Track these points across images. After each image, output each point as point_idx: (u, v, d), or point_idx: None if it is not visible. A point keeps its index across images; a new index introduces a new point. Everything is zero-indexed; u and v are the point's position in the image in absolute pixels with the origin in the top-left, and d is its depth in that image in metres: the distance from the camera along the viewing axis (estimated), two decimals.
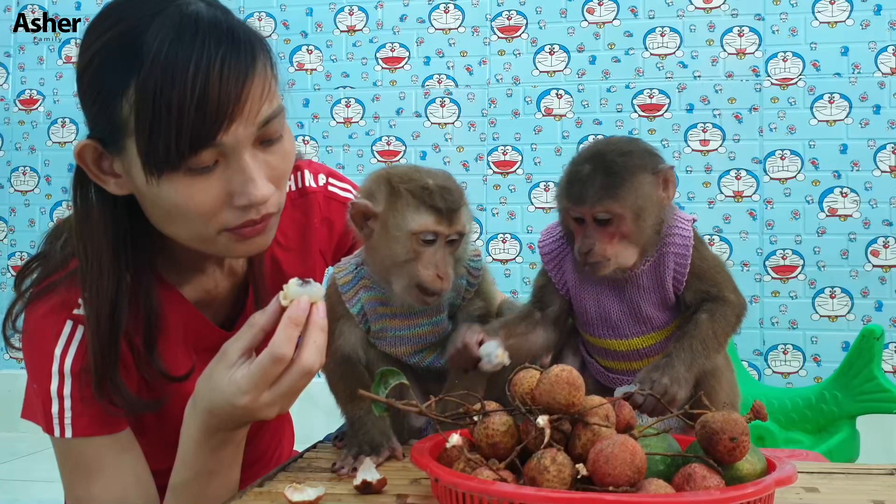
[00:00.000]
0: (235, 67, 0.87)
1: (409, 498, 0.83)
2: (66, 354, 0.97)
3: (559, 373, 0.76)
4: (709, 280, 1.03)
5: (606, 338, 1.06)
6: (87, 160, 0.93)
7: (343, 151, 3.22)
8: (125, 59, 0.86)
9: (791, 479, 0.73)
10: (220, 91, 0.85)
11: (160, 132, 0.85)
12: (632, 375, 1.03)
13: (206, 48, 0.85)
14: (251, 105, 0.88)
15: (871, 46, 2.90)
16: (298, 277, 0.87)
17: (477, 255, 1.08)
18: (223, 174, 0.90)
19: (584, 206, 0.98)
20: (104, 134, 0.91)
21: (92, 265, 0.94)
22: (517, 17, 3.14)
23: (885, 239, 2.88)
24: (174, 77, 0.84)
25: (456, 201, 0.98)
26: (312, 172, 1.23)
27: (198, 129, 0.85)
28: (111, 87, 0.88)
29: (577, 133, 3.07)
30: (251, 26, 0.94)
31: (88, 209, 0.96)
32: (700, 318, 1.00)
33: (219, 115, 0.86)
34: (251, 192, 0.90)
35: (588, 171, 0.98)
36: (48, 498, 2.01)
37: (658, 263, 1.02)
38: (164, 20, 0.86)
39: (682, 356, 0.96)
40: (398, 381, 0.84)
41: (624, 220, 0.98)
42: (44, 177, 3.39)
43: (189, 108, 0.84)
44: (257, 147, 0.92)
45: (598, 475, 0.69)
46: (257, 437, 1.23)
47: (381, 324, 1.05)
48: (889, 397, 2.24)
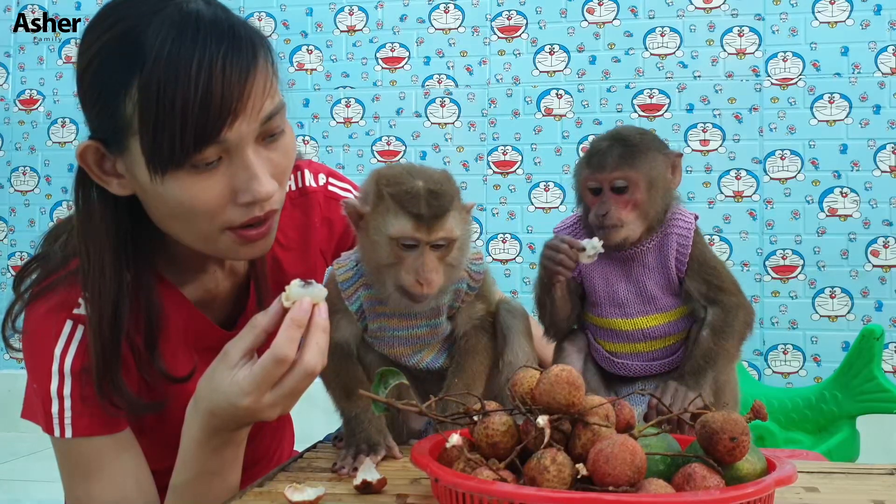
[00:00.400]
0: (238, 64, 0.87)
1: (409, 498, 0.83)
2: (67, 354, 0.97)
3: (559, 373, 0.76)
4: (710, 268, 1.10)
5: (613, 317, 1.13)
6: (90, 161, 0.93)
7: (343, 151, 3.22)
8: (126, 59, 0.86)
9: (791, 479, 0.73)
10: (224, 88, 0.86)
11: (164, 130, 0.85)
12: (635, 358, 1.12)
13: (208, 45, 0.86)
14: (254, 101, 0.88)
15: (871, 46, 2.90)
16: (300, 279, 0.87)
17: (479, 259, 1.07)
18: (227, 171, 0.90)
19: (604, 173, 1.07)
20: (106, 134, 0.91)
21: (94, 266, 0.94)
22: (517, 17, 3.14)
23: (885, 239, 2.88)
24: (177, 75, 0.84)
25: (441, 207, 0.95)
26: (312, 172, 1.23)
27: (202, 126, 0.85)
28: (113, 87, 0.88)
29: (577, 133, 3.07)
30: (251, 24, 0.94)
31: (90, 210, 0.96)
32: (702, 335, 1.08)
33: (222, 112, 0.86)
34: (255, 189, 0.90)
35: (607, 145, 1.09)
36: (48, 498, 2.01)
37: (662, 244, 1.11)
38: (164, 19, 0.87)
39: (691, 364, 1.06)
40: (398, 381, 0.84)
41: (638, 189, 1.07)
42: (44, 177, 3.39)
43: (193, 105, 0.84)
44: (260, 143, 0.92)
45: (598, 475, 0.69)
46: (258, 437, 1.23)
47: (379, 322, 1.05)
48: (889, 397, 2.24)
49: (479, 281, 1.07)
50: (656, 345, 1.12)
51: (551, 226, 1.24)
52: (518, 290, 3.06)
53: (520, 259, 3.10)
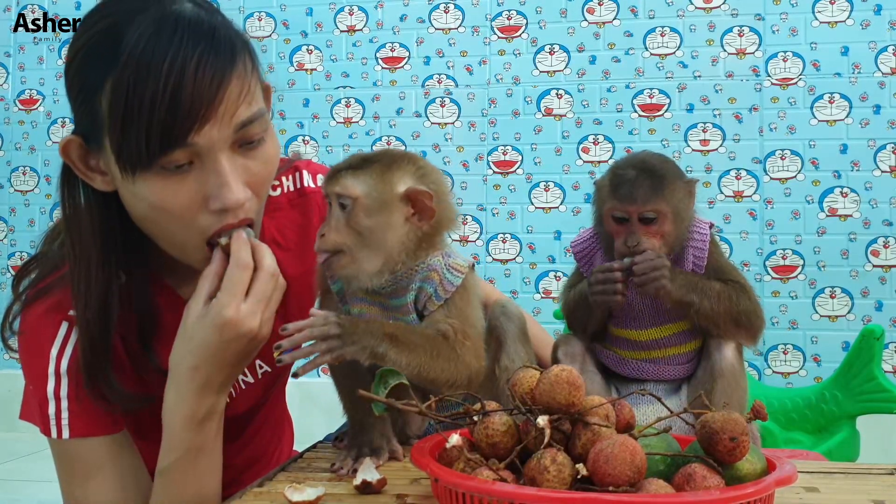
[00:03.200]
0: (212, 66, 0.85)
1: (408, 498, 0.83)
2: (62, 356, 0.97)
3: (559, 373, 0.76)
4: (726, 273, 1.13)
5: (627, 328, 1.15)
6: (73, 156, 0.93)
7: (343, 151, 3.22)
8: (105, 56, 0.86)
9: (791, 479, 0.73)
10: (195, 90, 0.84)
11: (132, 129, 0.84)
12: (649, 363, 1.15)
13: (183, 46, 0.84)
14: (227, 106, 0.86)
15: (871, 46, 2.90)
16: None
17: (459, 270, 0.99)
18: (198, 176, 0.89)
19: (634, 206, 1.08)
20: (86, 130, 0.91)
21: (80, 263, 0.94)
22: (517, 16, 3.14)
23: (886, 239, 2.88)
24: (148, 74, 0.83)
25: (343, 164, 0.97)
26: (311, 173, 1.23)
27: (169, 128, 0.84)
28: (91, 84, 0.88)
29: (578, 133, 3.07)
30: (237, 27, 0.92)
31: (76, 207, 0.96)
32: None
33: (191, 115, 0.84)
34: (225, 196, 0.89)
35: (634, 175, 1.09)
36: (47, 498, 2.01)
37: (679, 256, 1.13)
38: (145, 17, 0.86)
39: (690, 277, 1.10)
40: (398, 381, 0.84)
41: (666, 220, 1.09)
42: (43, 177, 3.39)
43: (160, 106, 0.83)
44: (235, 151, 0.90)
45: (598, 475, 0.68)
46: (257, 436, 1.23)
47: (359, 308, 1.03)
48: (889, 397, 2.23)
49: (448, 292, 0.99)
50: (670, 351, 1.14)
51: (551, 226, 1.25)
52: (518, 291, 3.06)
53: (520, 259, 3.10)
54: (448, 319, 0.98)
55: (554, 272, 3.06)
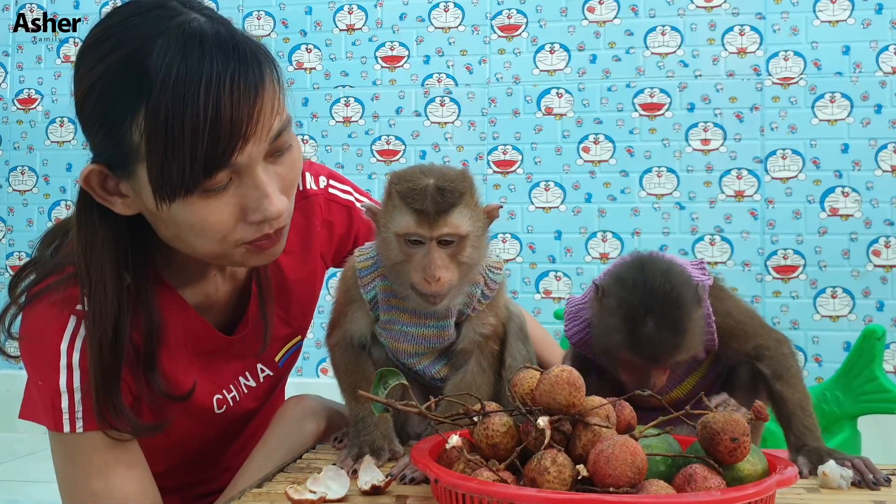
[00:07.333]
0: (245, 86, 0.85)
1: (408, 498, 0.83)
2: (73, 349, 0.96)
3: (559, 373, 0.75)
4: (741, 337, 1.04)
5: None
6: (93, 184, 0.91)
7: (342, 151, 3.21)
8: (132, 85, 0.84)
9: (792, 480, 0.72)
10: (233, 112, 0.84)
11: (174, 157, 0.83)
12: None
13: (214, 67, 0.83)
14: (263, 122, 0.87)
15: (872, 45, 2.90)
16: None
17: (498, 268, 1.07)
18: (237, 191, 0.89)
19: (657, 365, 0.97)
20: (111, 160, 0.89)
21: (96, 289, 0.93)
22: (517, 15, 3.13)
23: (887, 239, 2.87)
24: (185, 101, 0.82)
25: (446, 202, 0.93)
26: (313, 175, 1.23)
27: (212, 151, 0.84)
28: (118, 114, 0.85)
29: (578, 132, 3.07)
30: (252, 37, 0.92)
31: (92, 232, 0.94)
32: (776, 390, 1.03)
33: (233, 137, 0.84)
34: (266, 208, 0.90)
35: (653, 330, 0.94)
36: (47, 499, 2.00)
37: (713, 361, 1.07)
38: (167, 40, 0.84)
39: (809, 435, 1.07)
40: (398, 381, 0.83)
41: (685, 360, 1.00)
42: (42, 176, 3.38)
43: (203, 132, 0.82)
44: (268, 160, 0.91)
45: (599, 476, 0.68)
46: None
47: (391, 315, 1.05)
48: (890, 398, 2.23)
49: (493, 290, 1.05)
50: (686, 387, 1.09)
51: (551, 226, 1.23)
52: (518, 291, 3.05)
53: (520, 259, 3.09)
54: (489, 320, 1.05)
55: (554, 272, 3.06)
